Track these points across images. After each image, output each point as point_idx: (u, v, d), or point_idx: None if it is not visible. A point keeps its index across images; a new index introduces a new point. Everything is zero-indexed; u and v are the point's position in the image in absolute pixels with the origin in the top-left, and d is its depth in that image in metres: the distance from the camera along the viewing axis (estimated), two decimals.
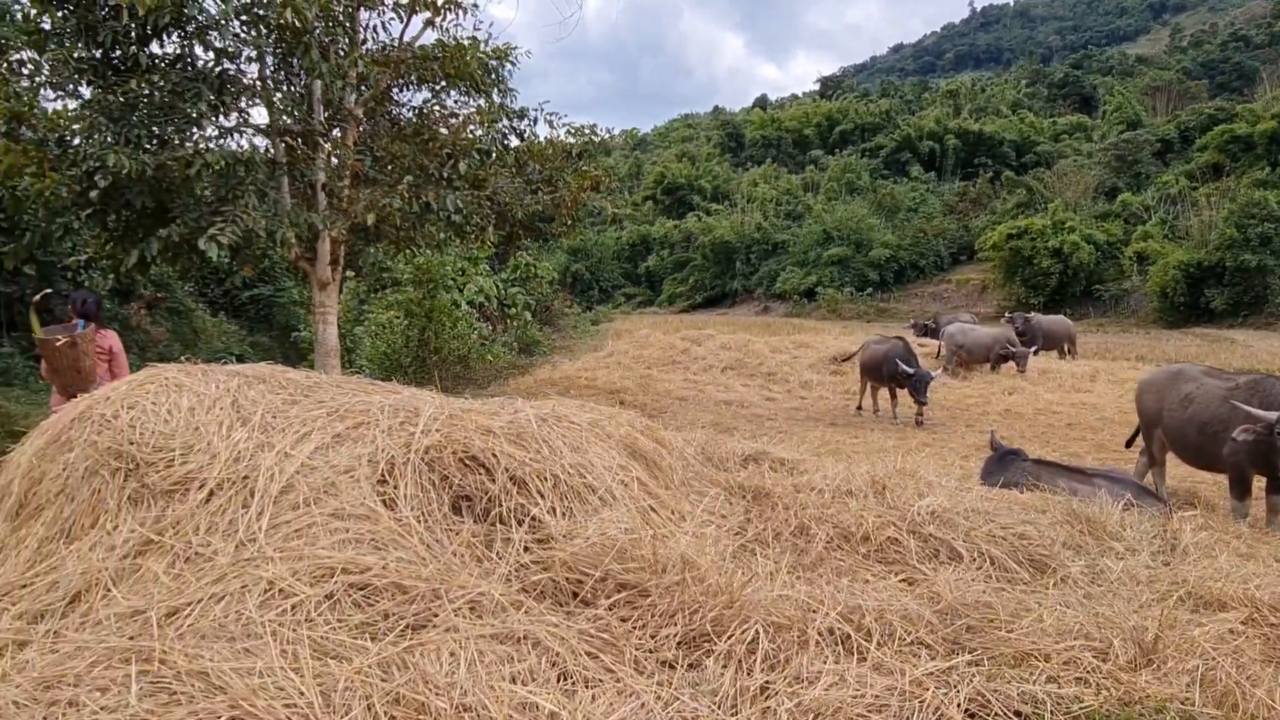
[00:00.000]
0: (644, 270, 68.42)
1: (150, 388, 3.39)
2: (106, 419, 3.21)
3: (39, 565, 2.85)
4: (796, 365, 14.52)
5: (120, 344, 6.00)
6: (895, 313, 51.75)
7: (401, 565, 2.69)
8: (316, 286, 8.55)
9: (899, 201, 61.38)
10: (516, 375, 15.52)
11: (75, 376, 5.66)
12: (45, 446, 3.26)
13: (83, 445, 3.13)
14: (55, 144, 6.97)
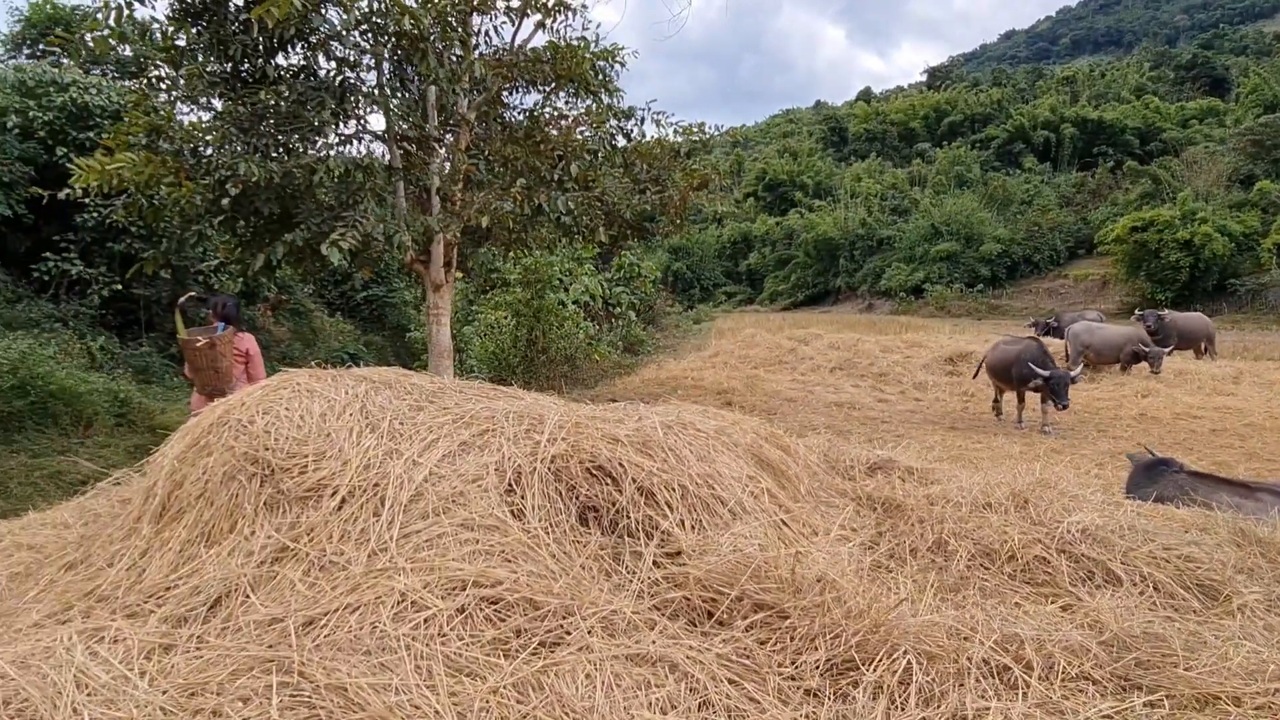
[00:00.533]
0: (745, 268, 67.93)
1: (284, 393, 3.45)
2: (243, 424, 3.27)
3: (182, 568, 2.92)
4: (909, 366, 14.01)
5: (257, 347, 6.23)
6: (1008, 310, 49.76)
7: (532, 579, 2.62)
8: (430, 288, 8.71)
9: (1011, 194, 58.94)
10: (622, 375, 15.53)
11: (214, 376, 5.92)
12: (186, 450, 3.36)
13: (220, 450, 3.20)
14: (190, 154, 7.31)
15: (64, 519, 4.73)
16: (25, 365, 13.56)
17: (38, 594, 3.22)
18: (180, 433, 3.57)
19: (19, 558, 4.03)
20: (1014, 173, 64.09)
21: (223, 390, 5.98)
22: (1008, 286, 52.62)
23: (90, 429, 14.65)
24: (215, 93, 7.35)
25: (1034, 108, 71.45)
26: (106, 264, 19.12)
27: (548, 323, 13.43)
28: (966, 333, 23.43)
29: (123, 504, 4.76)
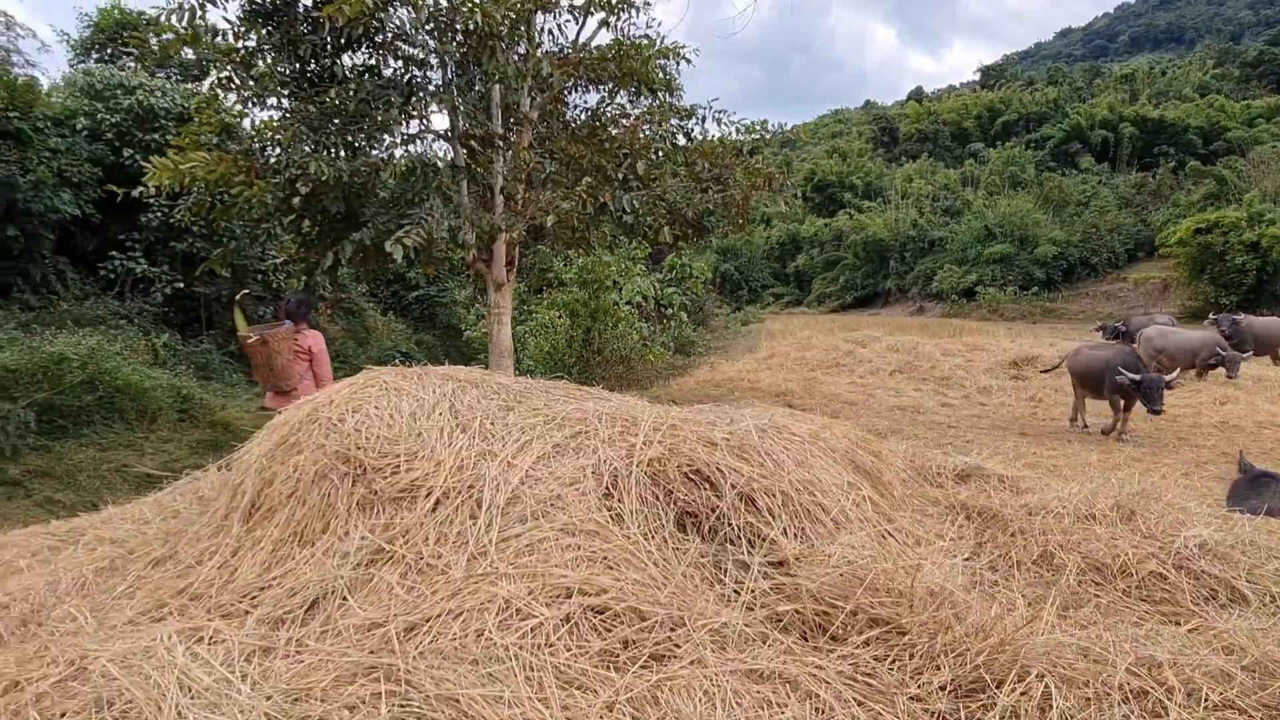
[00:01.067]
0: (792, 270, 67.27)
1: (371, 391, 3.40)
2: (333, 422, 3.23)
3: (275, 568, 2.88)
4: (972, 370, 13.65)
5: (323, 345, 6.17)
6: (1063, 313, 48.69)
7: (637, 588, 2.52)
8: (492, 287, 8.68)
9: (1068, 195, 57.50)
10: (676, 376, 15.40)
11: (269, 373, 5.93)
12: (275, 448, 3.33)
13: (311, 449, 3.15)
14: (260, 153, 7.37)
15: (142, 514, 4.75)
16: (94, 361, 13.87)
17: (127, 589, 3.21)
18: (267, 430, 3.54)
19: (102, 551, 4.04)
20: (1070, 173, 62.55)
21: (281, 388, 6.00)
22: (1063, 290, 51.39)
23: (154, 424, 14.95)
24: (285, 92, 7.40)
25: (1092, 107, 69.69)
26: (169, 263, 19.53)
27: (604, 323, 13.36)
28: (1026, 337, 22.85)
29: (201, 501, 4.77)
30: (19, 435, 12.42)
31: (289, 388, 5.99)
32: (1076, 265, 51.69)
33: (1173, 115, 63.27)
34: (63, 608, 3.27)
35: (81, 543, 4.30)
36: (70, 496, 12.41)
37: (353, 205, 7.45)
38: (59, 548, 4.46)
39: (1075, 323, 44.00)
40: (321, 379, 6.10)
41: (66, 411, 13.36)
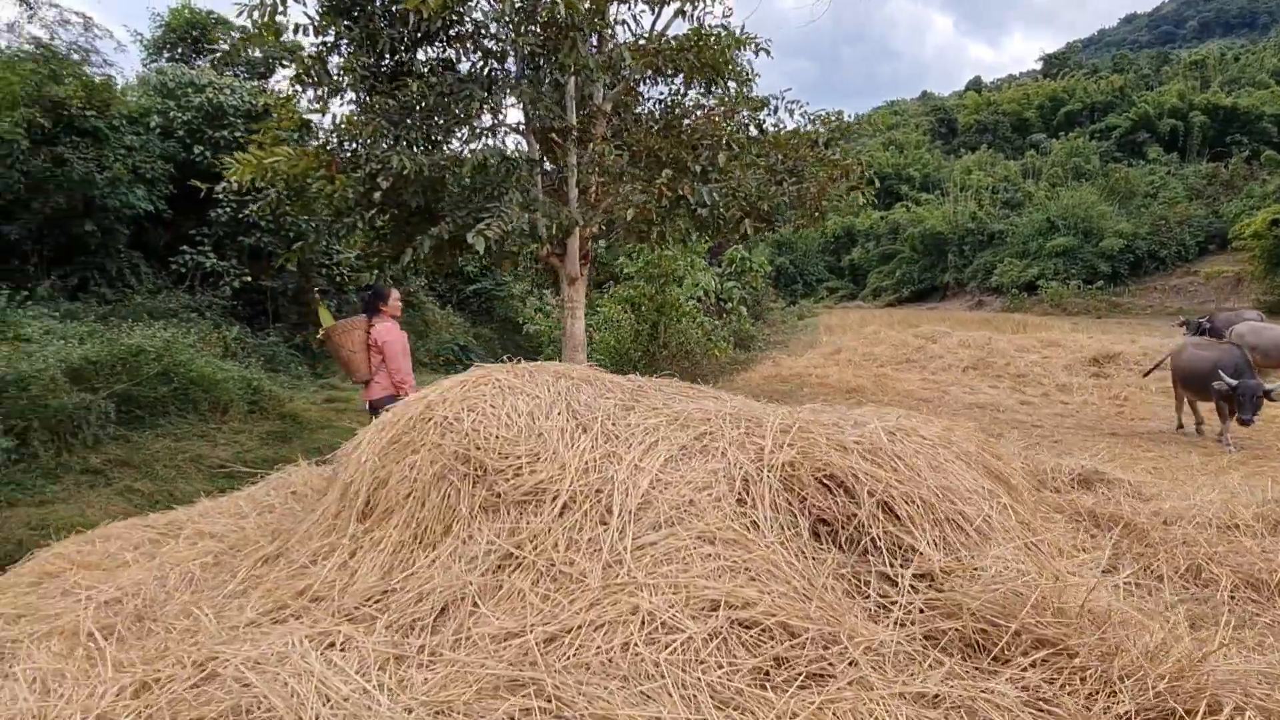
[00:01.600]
0: (847, 263, 66.32)
1: (485, 389, 3.31)
2: (449, 421, 3.15)
3: (397, 571, 2.81)
4: (1049, 366, 13.19)
5: (393, 337, 6.07)
6: (1130, 308, 47.23)
7: (784, 601, 2.39)
8: (566, 281, 8.61)
9: (1134, 186, 55.65)
10: (739, 371, 15.21)
11: (343, 367, 5.99)
12: (387, 446, 3.26)
13: (428, 448, 3.08)
14: (341, 148, 7.39)
15: (238, 508, 4.77)
16: (169, 353, 14.19)
17: (238, 587, 3.18)
18: (376, 427, 3.48)
19: (204, 546, 4.04)
20: (1137, 164, 60.57)
21: (355, 380, 6.05)
22: (1130, 284, 49.81)
23: (226, 415, 15.26)
24: (364, 87, 7.40)
25: (1160, 95, 67.41)
26: (237, 257, 19.95)
27: (670, 317, 13.22)
28: (1094, 332, 22.08)
29: (295, 496, 4.77)
30: (99, 425, 12.76)
31: (358, 380, 6.04)
32: (1144, 258, 50.05)
33: (1246, 103, 60.92)
34: (175, 603, 3.25)
35: (182, 536, 4.32)
36: (148, 485, 12.71)
37: (430, 200, 7.42)
38: (159, 540, 4.49)
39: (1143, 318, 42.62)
40: (391, 372, 6.04)
41: (143, 402, 13.70)
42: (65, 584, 3.51)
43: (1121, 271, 49.88)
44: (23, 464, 11.34)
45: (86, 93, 16.64)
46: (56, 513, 11.12)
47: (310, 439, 16.06)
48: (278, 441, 15.59)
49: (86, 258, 17.36)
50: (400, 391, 6.02)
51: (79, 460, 12.30)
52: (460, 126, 7.24)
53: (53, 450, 11.98)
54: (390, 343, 6.09)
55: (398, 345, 6.14)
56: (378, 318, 6.13)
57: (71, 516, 11.18)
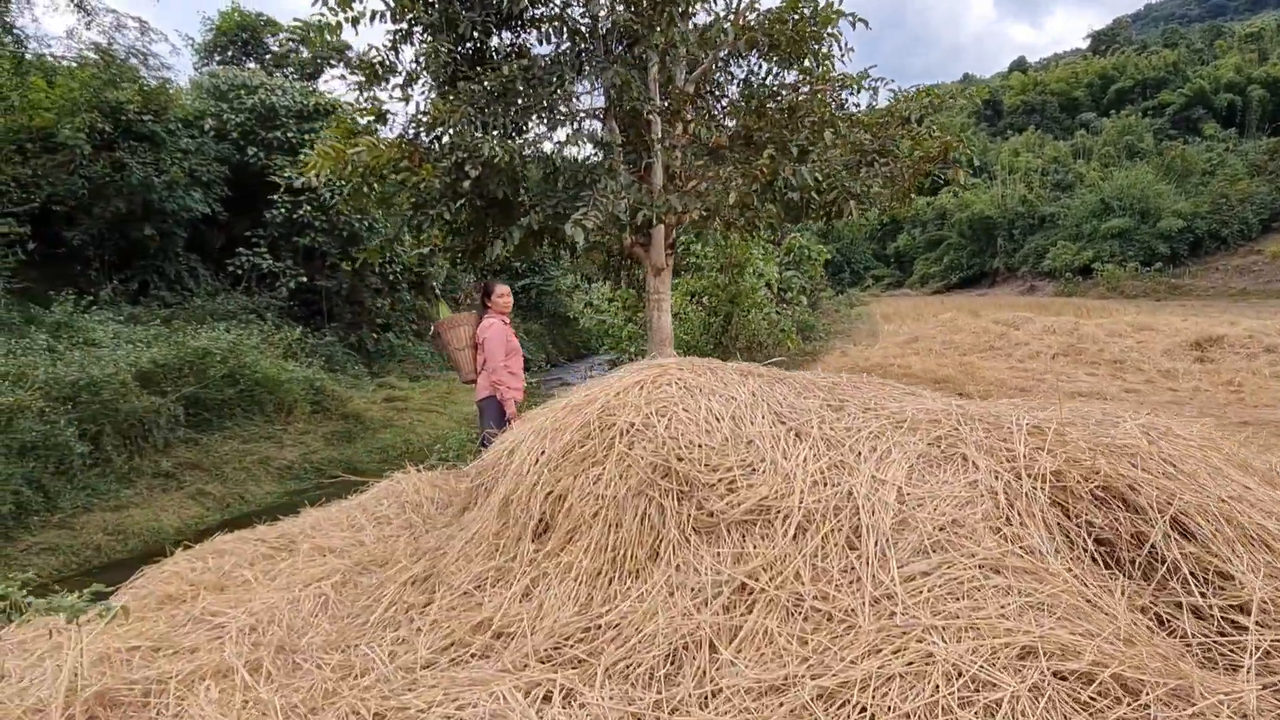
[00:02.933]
0: (893, 251, 65.24)
1: (670, 390, 2.93)
2: (637, 428, 2.77)
3: (598, 605, 2.44)
4: (1147, 352, 12.46)
5: (494, 333, 5.70)
6: (1191, 289, 45.69)
7: (1109, 648, 1.97)
8: (651, 272, 8.22)
9: (1191, 164, 53.82)
10: (809, 362, 14.74)
11: (454, 366, 5.68)
12: (560, 458, 2.89)
13: (617, 460, 2.70)
14: (418, 138, 7.07)
15: (350, 519, 4.47)
16: (234, 355, 14.11)
17: (388, 614, 2.85)
18: (538, 435, 3.10)
19: (327, 564, 3.73)
20: (1193, 141, 58.61)
21: (463, 379, 5.73)
22: (1190, 264, 48.19)
23: (290, 416, 15.18)
24: (445, 73, 7.06)
25: (1215, 69, 65.23)
26: (292, 257, 19.94)
27: (742, 307, 12.82)
28: (1166, 313, 21.16)
29: (411, 507, 4.46)
30: (169, 428, 12.70)
31: (467, 379, 5.68)
32: (1204, 238, 48.40)
33: None
34: (317, 633, 2.93)
35: (301, 552, 4.02)
36: (219, 488, 12.65)
37: (516, 189, 7.09)
38: (274, 556, 4.20)
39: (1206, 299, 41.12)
40: (489, 370, 5.67)
41: (210, 404, 13.64)
42: (193, 610, 3.21)
43: (1181, 252, 48.30)
44: (97, 468, 11.30)
45: (143, 97, 16.65)
46: (131, 518, 11.07)
47: (373, 439, 15.94)
48: (342, 441, 15.48)
49: (146, 261, 17.40)
50: (497, 392, 5.70)
51: (150, 464, 12.26)
52: (547, 112, 6.88)
53: (125, 454, 11.94)
54: (489, 339, 5.72)
55: (496, 342, 5.77)
56: (485, 314, 5.79)
57: (147, 521, 11.12)
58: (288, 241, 19.95)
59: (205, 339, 13.66)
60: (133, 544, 10.43)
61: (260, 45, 25.12)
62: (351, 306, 22.16)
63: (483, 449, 4.31)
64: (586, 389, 3.12)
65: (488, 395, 5.74)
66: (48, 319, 13.22)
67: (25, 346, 11.43)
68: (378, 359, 21.71)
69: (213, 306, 17.26)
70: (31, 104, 15.40)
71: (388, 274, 22.19)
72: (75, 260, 16.34)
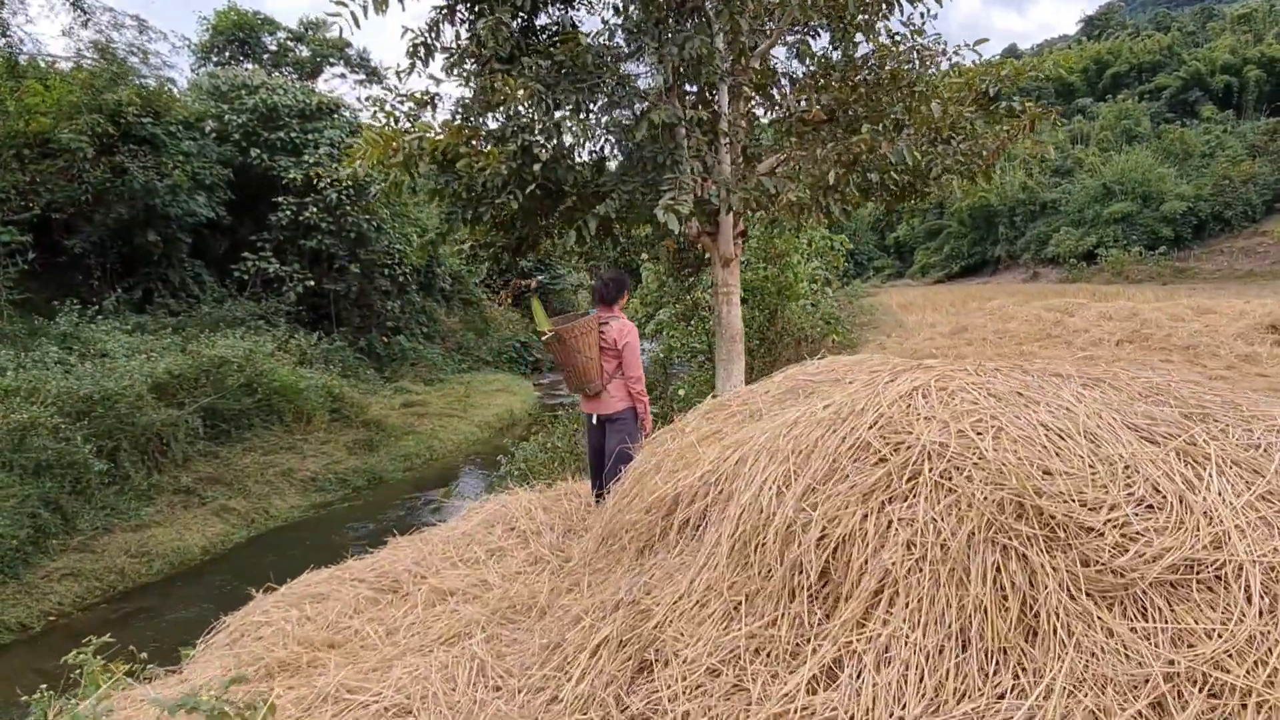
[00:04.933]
0: (892, 241, 64.82)
1: (973, 396, 2.27)
2: (952, 450, 2.14)
3: (952, 699, 1.82)
4: (1218, 336, 11.86)
5: (633, 337, 5.04)
6: (1196, 273, 45.45)
7: None
8: (719, 263, 7.57)
9: (1190, 147, 53.53)
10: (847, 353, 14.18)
11: (572, 374, 4.90)
12: (824, 488, 2.23)
13: (932, 493, 2.07)
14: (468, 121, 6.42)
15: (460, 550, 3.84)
16: (251, 363, 13.46)
17: (590, 690, 2.23)
18: (768, 457, 2.45)
19: (462, 614, 3.10)
20: (1191, 123, 58.33)
21: (585, 391, 4.98)
22: (1194, 247, 47.89)
23: (310, 425, 14.52)
24: (505, 50, 6.42)
25: (1211, 50, 65.01)
26: (298, 261, 19.27)
27: (791, 299, 12.22)
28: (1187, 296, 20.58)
29: (528, 536, 3.83)
30: (188, 441, 12.05)
31: (592, 391, 4.92)
32: (1208, 221, 48.08)
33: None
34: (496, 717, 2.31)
35: (416, 597, 3.39)
36: (243, 503, 11.99)
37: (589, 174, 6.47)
38: (377, 599, 3.57)
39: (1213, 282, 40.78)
40: (632, 380, 5.02)
41: (228, 415, 12.98)
42: (324, 686, 2.57)
43: (1185, 235, 48.00)
44: (115, 486, 10.64)
45: (143, 99, 15.96)
46: (155, 537, 10.40)
47: (396, 447, 15.30)
48: (364, 450, 14.85)
49: (150, 269, 16.71)
50: (640, 405, 5.07)
51: (170, 480, 11.60)
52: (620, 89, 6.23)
53: (144, 470, 11.28)
54: (633, 344, 5.04)
55: (638, 348, 5.10)
56: (611, 314, 5.11)
57: (171, 540, 10.45)
58: (294, 245, 19.28)
59: (221, 347, 13.01)
60: (158, 566, 9.78)
61: (258, 44, 24.36)
62: (360, 310, 21.50)
63: (620, 469, 3.70)
64: (821, 397, 2.49)
65: (626, 408, 5.06)
66: (53, 330, 12.53)
67: (35, 360, 10.73)
68: (389, 363, 21.07)
69: (220, 314, 16.57)
70: (28, 108, 14.67)
71: (396, 275, 21.55)
72: (76, 269, 15.64)
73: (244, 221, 19.47)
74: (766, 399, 3.01)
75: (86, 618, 8.26)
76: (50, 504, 9.13)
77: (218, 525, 10.96)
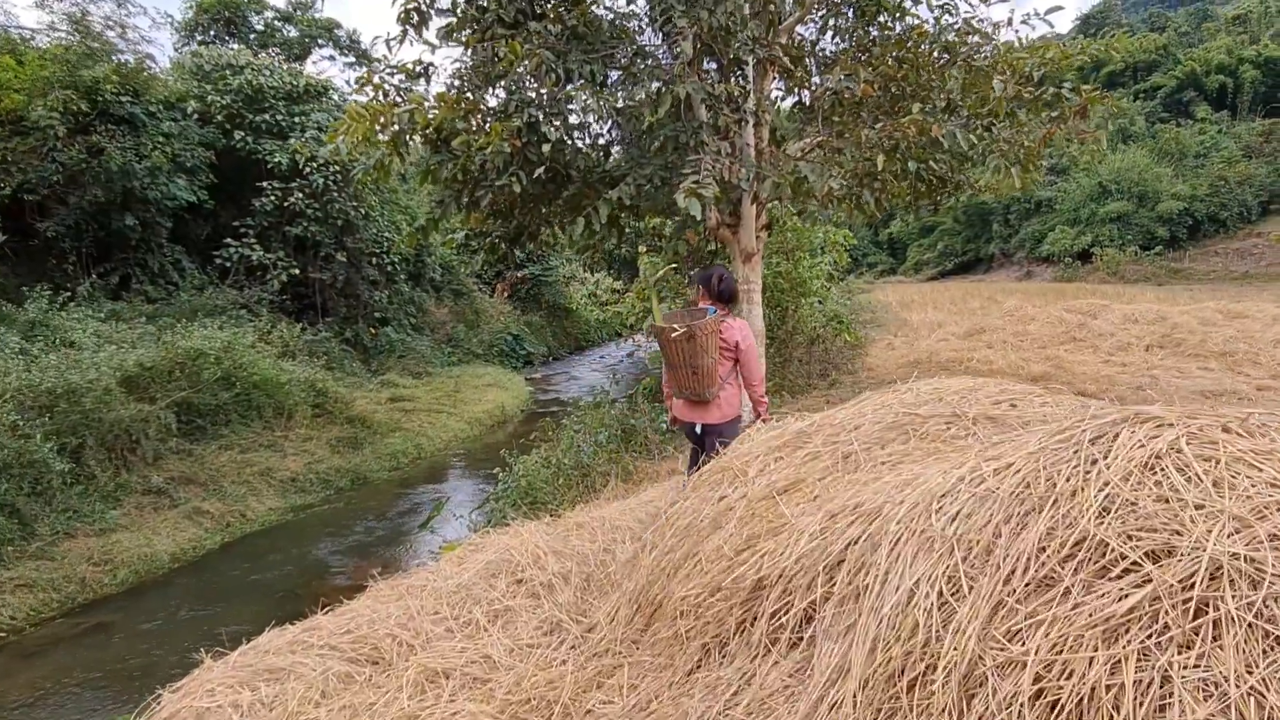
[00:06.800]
0: (885, 237, 64.42)
1: (1252, 476, 1.53)
2: (1263, 571, 1.39)
3: None
4: (1256, 341, 11.23)
5: (751, 338, 4.53)
6: (1191, 273, 45.19)
7: None
8: (739, 258, 6.94)
9: (1185, 146, 53.26)
10: (860, 355, 13.57)
11: (689, 377, 4.28)
12: (996, 610, 1.50)
13: (1242, 634, 1.33)
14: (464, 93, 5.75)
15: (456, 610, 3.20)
16: (229, 355, 12.71)
17: None
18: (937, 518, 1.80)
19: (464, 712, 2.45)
20: (1186, 124, 58.09)
21: (703, 395, 4.36)
22: (1189, 248, 47.65)
23: (291, 420, 13.78)
24: (510, 12, 5.75)
25: (1206, 51, 64.76)
26: (283, 248, 18.49)
27: (806, 296, 11.62)
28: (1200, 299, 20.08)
29: (545, 590, 3.19)
30: (160, 439, 11.28)
31: (711, 396, 4.35)
32: (1204, 221, 47.80)
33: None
34: None
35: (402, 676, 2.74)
36: (218, 505, 11.23)
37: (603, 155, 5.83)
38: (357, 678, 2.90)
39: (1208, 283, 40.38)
40: (752, 383, 4.53)
41: (204, 411, 12.22)
42: None
43: (1180, 235, 47.75)
44: (79, 487, 9.88)
45: (121, 76, 15.14)
46: (120, 543, 9.64)
47: (382, 445, 14.55)
48: (348, 448, 14.09)
49: (127, 254, 15.90)
50: (758, 411, 4.57)
51: (139, 479, 10.83)
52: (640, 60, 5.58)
53: (110, 470, 10.52)
54: (754, 345, 4.56)
55: (756, 349, 4.62)
56: (728, 311, 4.56)
57: (137, 546, 9.69)
58: (278, 231, 18.50)
59: (197, 338, 12.25)
60: (123, 575, 9.05)
61: (245, 24, 23.50)
62: (347, 300, 20.73)
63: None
64: (972, 451, 1.83)
65: (736, 417, 4.58)
66: (20, 318, 11.75)
67: None
68: (376, 355, 20.32)
69: (200, 302, 15.77)
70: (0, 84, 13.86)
71: (385, 264, 20.80)
72: (49, 253, 14.83)
73: (227, 206, 18.65)
74: (861, 437, 2.39)
75: (39, 634, 7.55)
76: (6, 507, 8.41)
77: (190, 529, 10.24)
